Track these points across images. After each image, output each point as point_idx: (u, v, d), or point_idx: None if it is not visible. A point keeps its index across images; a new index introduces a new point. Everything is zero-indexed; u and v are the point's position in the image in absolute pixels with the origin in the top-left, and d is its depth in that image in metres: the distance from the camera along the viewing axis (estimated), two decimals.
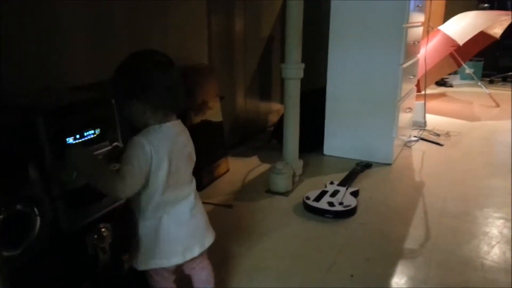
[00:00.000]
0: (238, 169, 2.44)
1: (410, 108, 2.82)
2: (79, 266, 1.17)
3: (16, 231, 0.97)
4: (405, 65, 2.45)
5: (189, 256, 1.10)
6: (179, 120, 1.11)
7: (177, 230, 1.08)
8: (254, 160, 2.61)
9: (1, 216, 0.92)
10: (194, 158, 1.16)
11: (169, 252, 1.08)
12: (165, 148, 1.03)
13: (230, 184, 2.25)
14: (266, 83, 3.13)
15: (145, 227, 1.07)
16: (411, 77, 2.71)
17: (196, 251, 1.11)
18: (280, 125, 2.51)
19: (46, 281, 1.04)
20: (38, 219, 1.00)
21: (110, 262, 1.20)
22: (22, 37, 1.36)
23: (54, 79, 1.48)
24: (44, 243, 1.03)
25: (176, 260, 1.09)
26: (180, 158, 1.08)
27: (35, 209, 0.99)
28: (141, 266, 1.09)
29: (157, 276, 1.15)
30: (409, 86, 2.72)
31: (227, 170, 2.39)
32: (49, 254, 1.05)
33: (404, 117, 2.69)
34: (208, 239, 1.16)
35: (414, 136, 3.00)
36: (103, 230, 1.14)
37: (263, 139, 2.92)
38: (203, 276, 1.22)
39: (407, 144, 2.87)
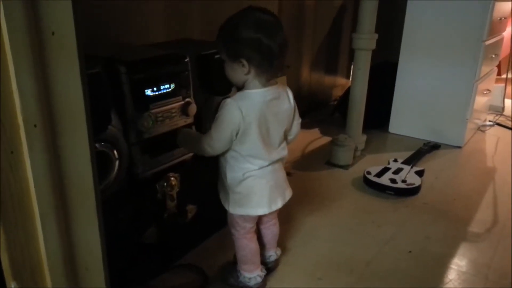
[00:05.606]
0: (298, 139, 2.38)
1: (488, 90, 2.63)
2: (148, 211, 1.26)
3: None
4: (487, 42, 2.27)
5: (274, 208, 1.17)
6: (278, 83, 1.12)
7: (262, 182, 1.14)
8: (315, 132, 2.59)
9: None
10: (292, 120, 1.19)
11: (256, 203, 1.15)
12: (256, 114, 1.06)
13: (289, 153, 2.20)
14: (333, 56, 3.06)
15: (232, 178, 1.13)
16: (493, 56, 2.51)
17: (279, 203, 1.18)
18: (344, 98, 2.46)
19: (117, 221, 1.14)
20: (117, 162, 1.09)
21: (176, 210, 1.28)
22: None
23: (130, 37, 1.55)
24: (121, 184, 1.12)
25: (262, 211, 1.17)
26: (272, 123, 1.10)
27: (115, 152, 1.07)
28: (231, 210, 1.17)
29: (240, 228, 1.21)
30: (489, 67, 2.52)
31: None
32: (122, 196, 1.15)
33: (481, 100, 2.51)
34: (288, 192, 1.23)
35: (490, 121, 2.81)
36: (172, 179, 1.22)
37: (325, 112, 2.88)
38: (275, 230, 1.32)
39: (480, 128, 2.69)
